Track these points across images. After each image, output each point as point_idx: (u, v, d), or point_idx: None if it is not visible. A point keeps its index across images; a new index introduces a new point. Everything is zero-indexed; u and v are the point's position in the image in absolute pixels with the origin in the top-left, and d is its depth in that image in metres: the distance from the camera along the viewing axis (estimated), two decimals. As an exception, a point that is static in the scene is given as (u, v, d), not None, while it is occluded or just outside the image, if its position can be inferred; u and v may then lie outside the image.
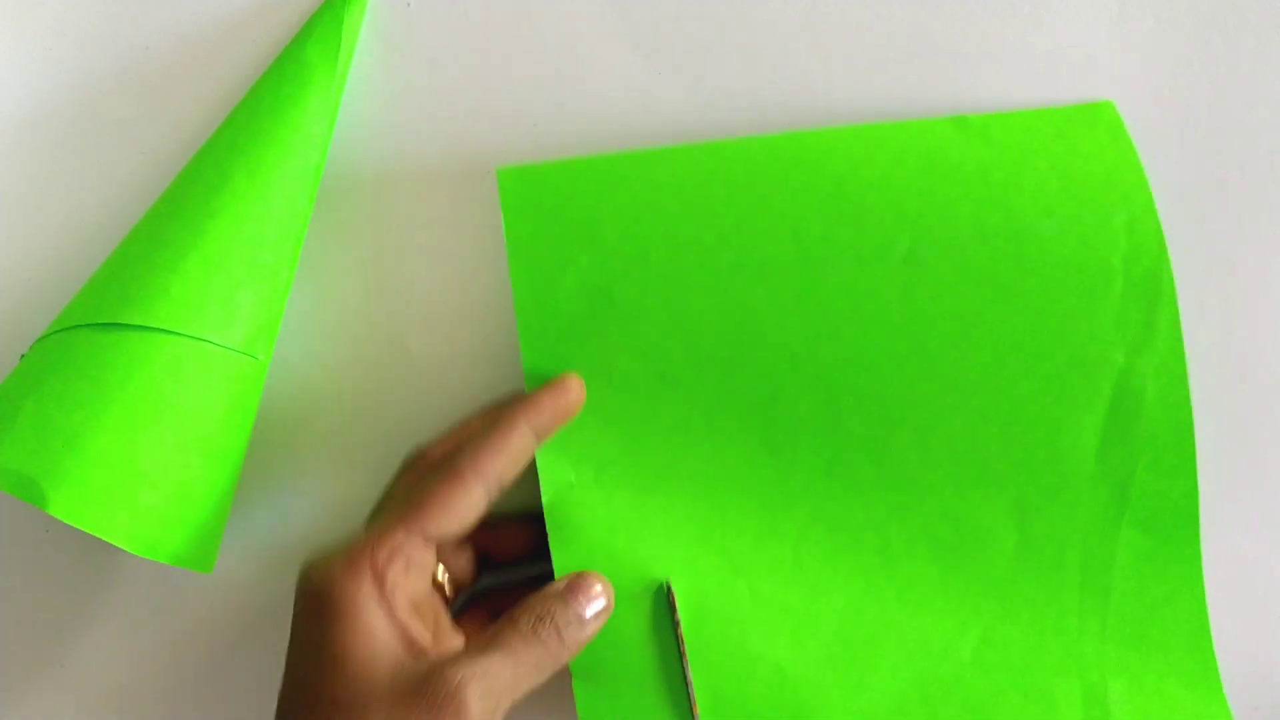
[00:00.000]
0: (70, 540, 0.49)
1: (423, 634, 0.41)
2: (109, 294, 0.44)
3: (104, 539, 0.42)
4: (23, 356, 0.45)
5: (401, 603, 0.41)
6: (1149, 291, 0.47)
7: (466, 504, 0.42)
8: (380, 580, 0.40)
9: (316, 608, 0.40)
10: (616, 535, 0.45)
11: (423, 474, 0.44)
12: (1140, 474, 0.47)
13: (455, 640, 0.43)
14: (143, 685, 0.49)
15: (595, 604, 0.43)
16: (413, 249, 0.49)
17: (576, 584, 0.43)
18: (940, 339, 0.46)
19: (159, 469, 0.43)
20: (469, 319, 0.49)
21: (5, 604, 0.49)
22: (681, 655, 0.45)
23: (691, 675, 0.44)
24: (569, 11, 0.50)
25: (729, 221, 0.47)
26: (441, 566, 0.44)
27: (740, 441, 0.46)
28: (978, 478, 0.47)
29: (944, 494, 0.47)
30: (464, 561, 0.46)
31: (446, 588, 0.44)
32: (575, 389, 0.45)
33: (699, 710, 0.45)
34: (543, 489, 0.45)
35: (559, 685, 0.44)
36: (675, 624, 0.45)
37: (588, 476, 0.46)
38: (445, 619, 0.44)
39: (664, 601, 0.45)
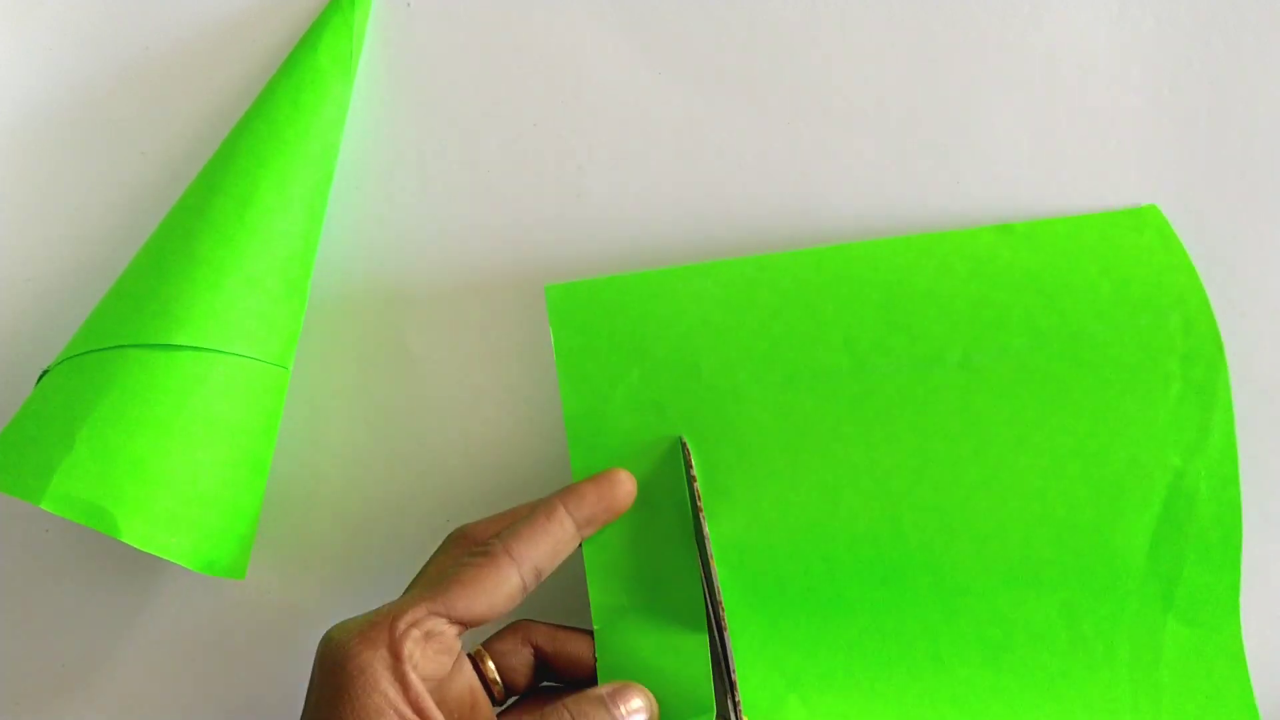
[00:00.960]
0: (71, 540, 0.49)
1: (436, 715, 0.39)
2: (152, 313, 0.44)
3: (170, 560, 0.42)
4: (45, 372, 0.45)
5: (417, 679, 0.39)
6: (1206, 394, 0.46)
7: (497, 588, 0.41)
8: (396, 652, 0.39)
9: (329, 674, 0.39)
10: (666, 658, 0.44)
11: (460, 555, 0.43)
12: (1188, 570, 0.46)
13: None
14: (145, 687, 0.49)
15: (634, 718, 0.42)
16: (412, 247, 0.49)
17: (618, 694, 0.42)
18: (998, 446, 0.46)
19: (215, 487, 0.44)
20: (471, 321, 0.49)
21: (5, 604, 0.49)
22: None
23: None
24: (569, 11, 0.50)
25: (780, 332, 0.46)
26: (492, 663, 0.43)
27: (798, 557, 0.45)
28: (1030, 580, 0.46)
29: (996, 599, 0.46)
30: (520, 662, 0.44)
31: (495, 684, 0.43)
32: (624, 483, 0.44)
33: None
34: (593, 614, 0.44)
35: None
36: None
37: (640, 600, 0.44)
38: (484, 709, 0.43)
39: None
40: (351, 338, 0.49)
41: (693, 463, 0.44)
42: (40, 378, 0.45)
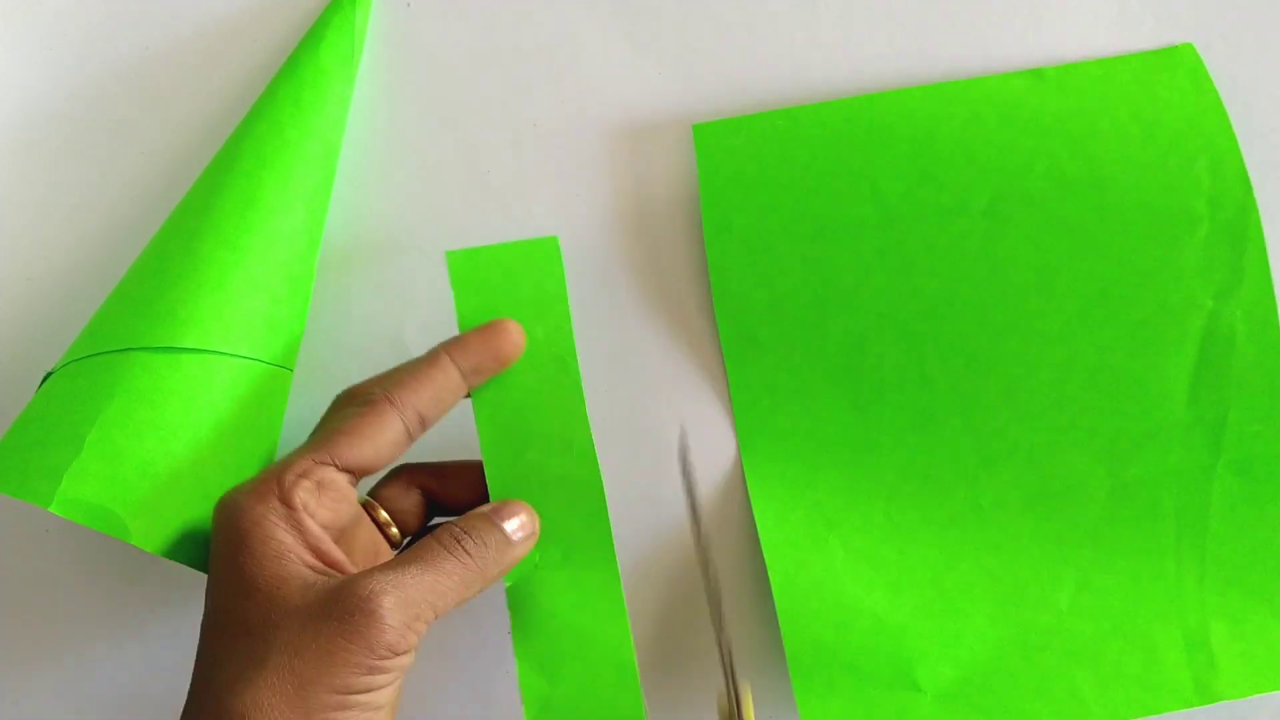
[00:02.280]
0: (72, 541, 0.49)
1: (339, 556, 0.40)
2: (156, 315, 0.44)
3: (181, 564, 0.42)
4: (48, 375, 0.44)
5: (314, 525, 0.40)
6: (1235, 235, 0.47)
7: (380, 433, 0.41)
8: (287, 502, 0.39)
9: (226, 535, 0.39)
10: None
11: (344, 408, 0.43)
12: (1234, 417, 0.47)
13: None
14: (146, 687, 0.49)
15: (520, 527, 0.42)
16: (411, 247, 0.49)
17: (501, 508, 0.42)
18: (1023, 290, 0.47)
19: (221, 489, 0.43)
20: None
21: (5, 604, 0.49)
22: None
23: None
24: (568, 11, 0.50)
25: (810, 186, 0.48)
26: (384, 510, 0.44)
27: (829, 402, 0.47)
28: (1066, 426, 0.47)
29: (1033, 445, 0.47)
30: (409, 504, 0.45)
31: (389, 526, 0.44)
32: (511, 332, 0.43)
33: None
34: (485, 462, 0.43)
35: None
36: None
37: (533, 455, 0.43)
38: (385, 554, 0.43)
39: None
40: (352, 337, 0.49)
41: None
42: (44, 380, 0.44)
